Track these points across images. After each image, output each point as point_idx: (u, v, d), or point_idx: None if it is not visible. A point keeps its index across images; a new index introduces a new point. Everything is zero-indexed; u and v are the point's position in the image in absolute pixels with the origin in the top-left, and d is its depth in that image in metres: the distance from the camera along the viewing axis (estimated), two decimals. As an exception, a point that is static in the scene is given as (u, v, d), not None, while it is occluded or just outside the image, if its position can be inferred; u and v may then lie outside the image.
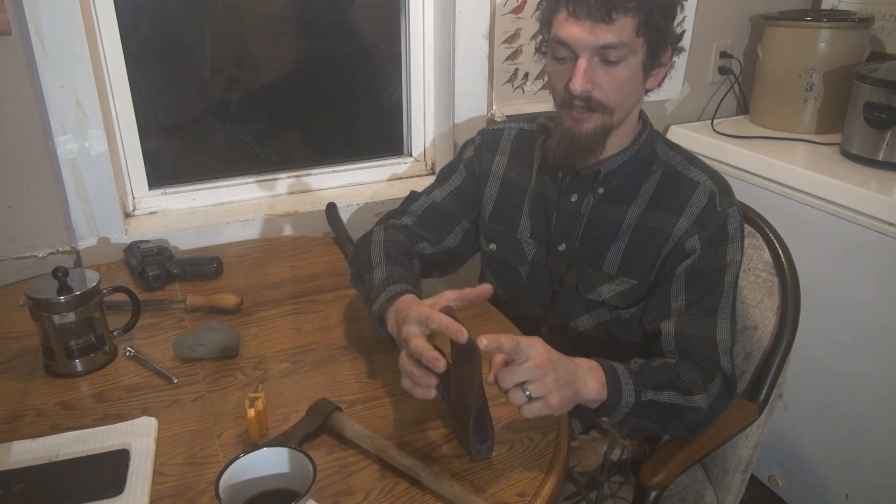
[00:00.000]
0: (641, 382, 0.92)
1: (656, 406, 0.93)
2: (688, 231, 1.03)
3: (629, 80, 0.99)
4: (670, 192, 1.07)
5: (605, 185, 1.10)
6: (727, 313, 1.02)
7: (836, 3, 1.92)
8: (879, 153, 1.56)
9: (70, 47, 1.26)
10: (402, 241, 1.13)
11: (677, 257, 1.04)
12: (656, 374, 0.95)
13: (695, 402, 0.95)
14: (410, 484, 0.82)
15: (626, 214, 1.08)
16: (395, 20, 1.67)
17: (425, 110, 1.74)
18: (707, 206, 1.03)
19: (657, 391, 0.93)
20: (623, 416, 0.92)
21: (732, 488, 1.21)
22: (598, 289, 1.10)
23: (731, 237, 1.03)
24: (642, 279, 1.08)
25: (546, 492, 0.82)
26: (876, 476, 1.55)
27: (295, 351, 1.08)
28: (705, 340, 1.00)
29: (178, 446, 0.88)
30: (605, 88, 0.98)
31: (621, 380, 0.90)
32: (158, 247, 1.35)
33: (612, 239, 1.09)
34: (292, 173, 1.67)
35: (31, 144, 1.31)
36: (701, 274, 1.03)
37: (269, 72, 1.65)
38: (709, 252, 1.02)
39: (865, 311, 1.50)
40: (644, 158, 1.09)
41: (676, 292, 1.04)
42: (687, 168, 1.08)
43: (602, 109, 1.00)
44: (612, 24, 0.93)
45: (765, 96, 1.87)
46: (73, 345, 1.01)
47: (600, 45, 0.95)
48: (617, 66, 0.97)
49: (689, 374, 0.97)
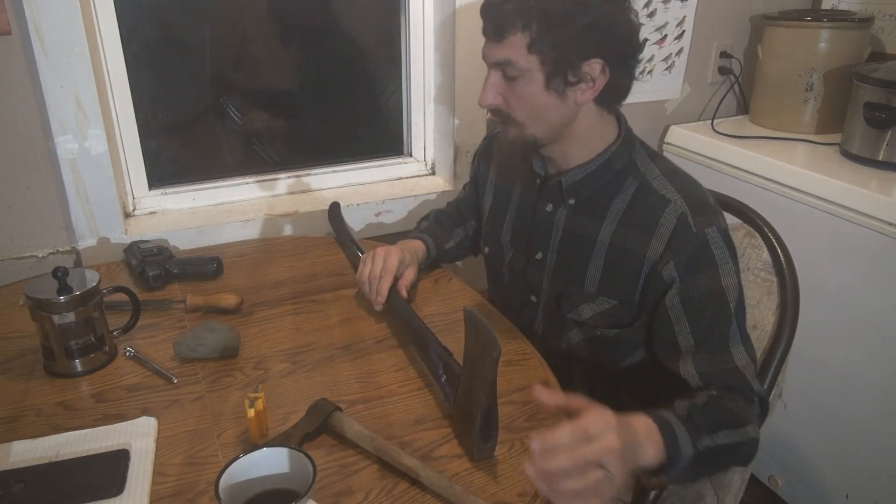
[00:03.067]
0: (695, 429, 0.85)
1: (714, 451, 0.87)
2: (662, 257, 0.99)
3: (533, 97, 0.99)
4: (640, 207, 1.03)
5: (573, 195, 1.08)
6: (738, 338, 0.97)
7: (836, 3, 1.92)
8: (879, 153, 1.56)
9: (70, 47, 1.26)
10: (451, 220, 1.39)
11: (658, 286, 1.00)
12: (706, 414, 0.88)
13: (749, 434, 0.91)
14: (410, 484, 0.82)
15: (600, 231, 1.06)
16: (395, 20, 1.67)
17: (425, 110, 1.74)
18: (677, 227, 0.98)
19: (712, 434, 0.87)
20: (681, 471, 0.84)
21: (732, 488, 1.21)
22: (578, 308, 1.09)
23: (719, 259, 0.97)
24: (623, 300, 1.05)
25: (546, 492, 0.82)
26: (876, 476, 1.55)
27: (295, 351, 1.09)
28: (731, 372, 0.96)
29: (177, 446, 0.88)
30: (511, 104, 1.01)
31: (677, 433, 0.83)
32: (158, 247, 1.35)
33: (588, 255, 1.07)
34: (292, 173, 1.67)
35: (31, 144, 1.31)
36: (698, 303, 0.98)
37: (269, 72, 1.65)
38: (695, 279, 0.97)
39: (865, 311, 1.50)
40: (617, 170, 1.05)
41: (680, 328, 0.99)
42: (661, 184, 1.03)
43: (512, 122, 1.03)
44: (501, 43, 0.96)
45: (765, 96, 1.87)
46: (72, 345, 1.01)
47: (493, 62, 0.99)
48: (516, 83, 0.98)
49: (735, 404, 0.92)
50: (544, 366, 1.05)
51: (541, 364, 1.05)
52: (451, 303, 1.23)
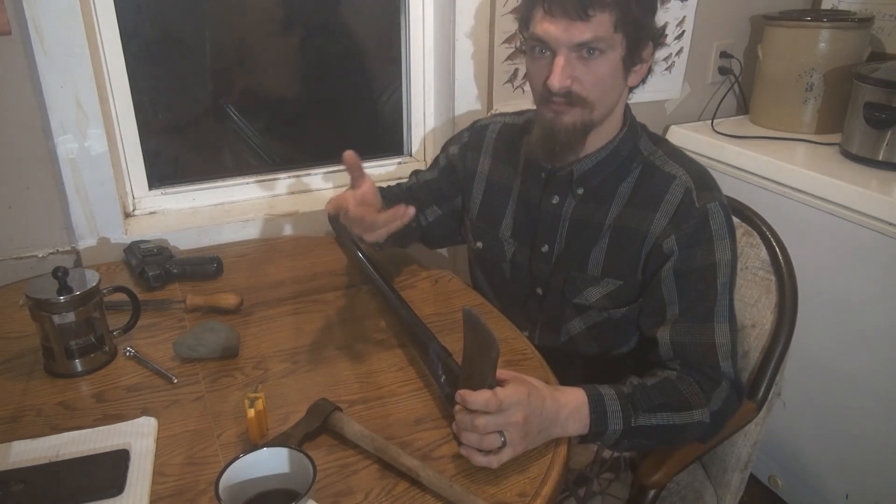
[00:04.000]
0: (632, 407, 0.92)
1: (649, 429, 0.93)
2: (664, 230, 1.01)
3: (608, 76, 0.98)
4: (646, 187, 1.05)
5: (583, 185, 1.09)
6: (724, 315, 1.00)
7: (836, 3, 1.92)
8: (879, 153, 1.56)
9: (70, 47, 1.26)
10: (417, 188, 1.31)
11: (657, 259, 1.02)
12: (650, 395, 0.94)
13: (693, 418, 0.94)
14: (410, 484, 0.82)
15: (607, 215, 1.07)
16: (395, 20, 1.67)
17: (425, 110, 1.74)
18: (683, 201, 1.01)
19: (650, 414, 0.92)
20: (613, 441, 0.92)
21: (732, 487, 1.21)
22: (583, 292, 1.09)
23: (716, 234, 1.00)
24: (627, 279, 1.06)
25: (546, 492, 0.82)
26: (876, 476, 1.55)
27: (295, 351, 1.09)
28: (704, 347, 0.99)
29: (177, 446, 0.88)
30: (585, 83, 0.98)
31: (608, 409, 0.90)
32: (158, 247, 1.35)
33: (593, 240, 1.08)
34: (292, 173, 1.67)
35: (31, 144, 1.31)
36: (690, 275, 1.00)
37: (269, 72, 1.65)
38: (691, 252, 1.00)
39: (865, 311, 1.50)
40: (624, 156, 1.07)
41: (669, 297, 1.01)
42: (665, 162, 1.06)
43: (582, 104, 0.99)
44: (588, 21, 0.94)
45: (765, 96, 1.87)
46: (72, 345, 1.01)
47: (576, 42, 0.95)
48: (596, 61, 0.97)
49: (689, 388, 0.96)
50: (544, 366, 1.05)
51: (541, 364, 1.05)
52: (450, 303, 1.23)
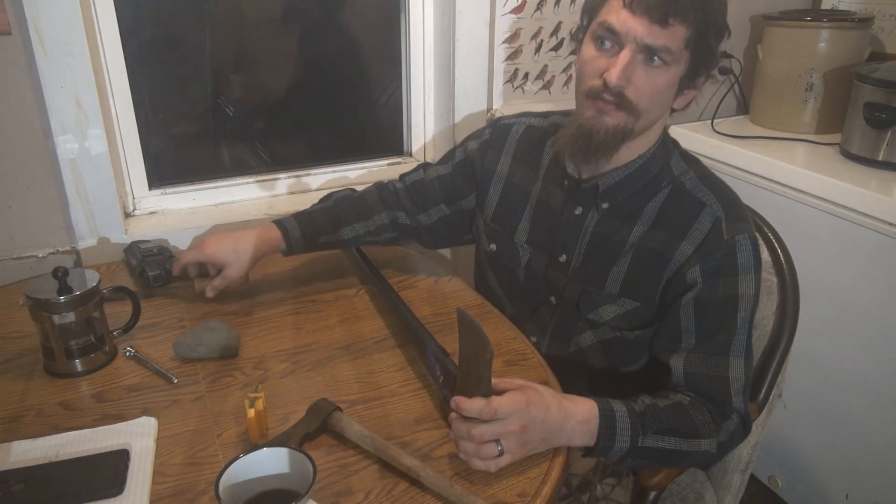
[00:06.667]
0: (642, 426, 0.90)
1: (654, 451, 0.91)
2: (689, 259, 0.99)
3: (664, 89, 0.96)
4: (675, 212, 1.02)
5: (608, 199, 1.06)
6: (741, 351, 0.97)
7: (836, 3, 1.92)
8: (879, 153, 1.56)
9: (70, 47, 1.26)
10: (369, 202, 1.27)
11: (679, 287, 1.00)
12: (662, 417, 0.92)
13: (700, 447, 0.93)
14: (410, 484, 0.82)
15: (631, 234, 1.04)
16: (395, 20, 1.67)
17: (425, 110, 1.74)
18: (711, 232, 0.98)
19: (658, 436, 0.91)
20: (617, 458, 0.91)
21: (732, 488, 1.21)
22: (599, 309, 1.07)
23: (741, 267, 0.97)
24: (646, 301, 1.04)
25: (546, 492, 0.82)
26: (876, 476, 1.55)
27: (295, 351, 1.09)
28: (717, 380, 0.96)
29: (177, 446, 0.88)
30: (640, 89, 0.94)
31: (618, 425, 0.89)
32: (158, 247, 1.35)
33: (614, 258, 1.05)
34: (292, 173, 1.67)
35: (31, 144, 1.31)
36: (710, 306, 0.98)
37: (269, 72, 1.65)
38: (714, 283, 0.97)
39: (865, 311, 1.50)
40: (653, 174, 1.04)
41: (687, 325, 0.99)
42: (697, 187, 1.03)
43: (629, 109, 0.95)
44: (665, 28, 0.91)
45: (765, 96, 1.87)
46: (73, 345, 1.01)
47: (648, 43, 0.92)
48: (657, 70, 0.94)
49: (701, 416, 0.94)
50: (544, 366, 1.05)
51: (541, 364, 1.05)
52: (450, 303, 1.23)
